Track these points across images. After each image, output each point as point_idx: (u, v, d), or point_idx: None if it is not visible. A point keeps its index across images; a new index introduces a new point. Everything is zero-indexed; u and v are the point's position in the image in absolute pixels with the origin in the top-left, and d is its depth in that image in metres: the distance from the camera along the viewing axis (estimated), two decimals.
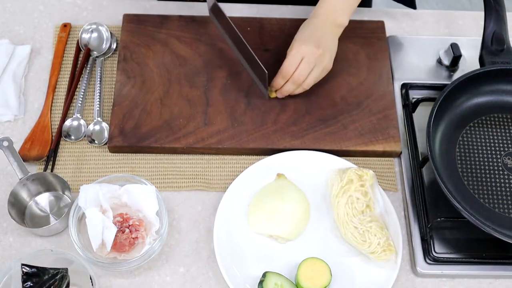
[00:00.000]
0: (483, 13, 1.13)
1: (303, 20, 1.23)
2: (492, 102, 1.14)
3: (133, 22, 1.24)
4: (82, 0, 1.30)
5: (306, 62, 1.09)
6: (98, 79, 1.19)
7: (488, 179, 1.06)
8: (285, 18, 1.26)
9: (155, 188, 1.03)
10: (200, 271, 1.03)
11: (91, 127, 1.14)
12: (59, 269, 0.93)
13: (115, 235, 0.99)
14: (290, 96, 1.15)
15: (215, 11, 1.15)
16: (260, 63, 1.07)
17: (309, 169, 1.10)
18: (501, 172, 1.07)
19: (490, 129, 1.12)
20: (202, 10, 1.26)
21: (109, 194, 1.02)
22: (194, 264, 1.04)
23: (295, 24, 1.23)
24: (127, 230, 1.00)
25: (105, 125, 1.14)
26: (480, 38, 1.14)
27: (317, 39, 1.10)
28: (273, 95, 1.15)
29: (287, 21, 1.26)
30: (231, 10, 1.28)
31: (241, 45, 1.12)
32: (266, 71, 1.07)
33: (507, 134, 1.11)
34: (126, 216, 1.02)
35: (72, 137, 1.13)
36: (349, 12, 1.14)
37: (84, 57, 1.21)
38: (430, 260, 1.03)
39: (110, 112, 1.14)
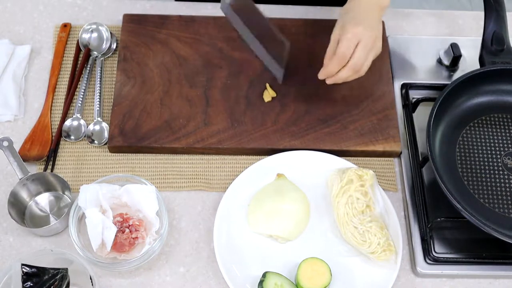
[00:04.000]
0: (483, 13, 1.13)
1: (303, 20, 1.23)
2: (492, 102, 1.14)
3: (133, 22, 1.24)
4: (82, 0, 1.30)
5: (363, 45, 1.02)
6: (98, 79, 1.19)
7: (488, 179, 1.06)
8: (285, 18, 1.26)
9: (155, 188, 1.03)
10: (200, 271, 1.03)
11: (91, 127, 1.14)
12: (59, 269, 0.93)
13: (115, 235, 0.99)
14: (290, 96, 1.15)
15: None
16: (281, 35, 1.01)
17: (309, 169, 1.10)
18: (501, 172, 1.07)
19: (490, 129, 1.12)
20: (202, 10, 1.26)
21: (109, 194, 1.02)
22: (194, 264, 1.04)
23: (296, 24, 1.24)
24: (127, 230, 1.00)
25: (105, 125, 1.14)
26: (480, 38, 1.14)
27: (368, 21, 1.03)
28: (268, 98, 1.15)
29: (287, 21, 1.26)
30: None
31: (256, 21, 1.07)
32: (288, 42, 1.01)
33: (507, 134, 1.11)
34: (126, 216, 1.02)
35: (72, 137, 1.13)
36: None
37: (84, 57, 1.21)
38: (430, 260, 1.03)
39: (110, 112, 1.14)
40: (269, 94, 1.15)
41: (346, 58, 1.02)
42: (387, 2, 1.08)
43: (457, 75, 1.21)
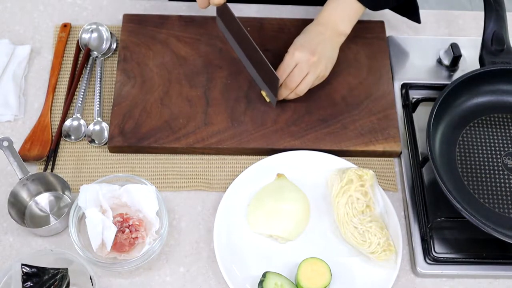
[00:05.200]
0: (483, 13, 1.13)
1: (303, 20, 1.23)
2: (492, 102, 1.14)
3: (133, 22, 1.24)
4: (82, 0, 1.30)
5: (299, 68, 1.09)
6: (98, 79, 1.19)
7: (488, 179, 1.06)
8: (285, 18, 1.26)
9: (155, 188, 1.03)
10: (200, 271, 1.03)
11: (91, 127, 1.14)
12: (59, 269, 0.93)
13: (115, 235, 0.99)
14: None
15: (223, 12, 1.14)
16: (273, 69, 1.07)
17: (309, 169, 1.10)
18: (501, 172, 1.07)
19: (490, 129, 1.12)
20: (202, 10, 1.26)
21: (109, 194, 1.02)
22: (194, 264, 1.04)
23: (295, 24, 1.24)
24: (127, 230, 1.00)
25: (105, 125, 1.14)
26: (480, 38, 1.14)
27: (313, 46, 1.10)
28: (268, 99, 1.15)
29: (287, 21, 1.26)
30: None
31: (250, 48, 1.12)
32: (279, 78, 1.07)
33: (507, 134, 1.11)
34: (126, 216, 1.02)
35: (72, 137, 1.13)
36: (351, 21, 1.14)
37: (84, 57, 1.21)
38: (430, 260, 1.03)
39: (110, 112, 1.14)
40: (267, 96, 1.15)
41: (282, 78, 1.10)
42: (346, 29, 1.14)
43: (457, 75, 1.21)
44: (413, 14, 1.22)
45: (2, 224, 1.06)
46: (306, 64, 1.08)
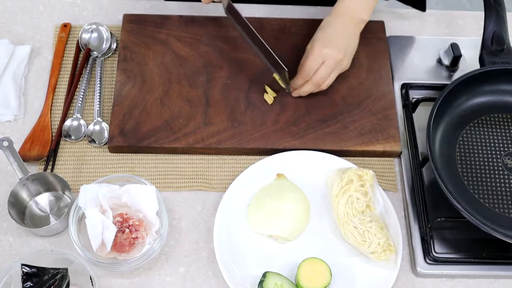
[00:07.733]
0: (483, 13, 1.14)
1: (303, 20, 1.23)
2: (492, 102, 1.14)
3: (133, 22, 1.24)
4: (82, 0, 1.30)
5: (327, 65, 1.09)
6: (98, 79, 1.19)
7: (488, 179, 1.06)
8: (285, 18, 1.26)
9: (155, 188, 1.03)
10: (200, 271, 1.03)
11: (91, 127, 1.14)
12: (59, 269, 0.93)
13: (115, 235, 0.99)
14: (290, 97, 1.15)
15: (231, 10, 1.14)
16: (279, 61, 1.08)
17: (309, 169, 1.10)
18: (501, 172, 1.07)
19: (490, 129, 1.12)
20: (202, 10, 1.27)
21: (109, 194, 1.02)
22: (194, 264, 1.04)
23: (295, 24, 1.24)
24: (127, 230, 1.00)
25: (105, 125, 1.14)
26: (480, 38, 1.14)
27: (340, 41, 1.10)
28: (270, 100, 1.15)
29: (287, 21, 1.26)
30: None
31: (259, 43, 1.12)
32: (286, 69, 1.08)
33: (507, 134, 1.11)
34: (126, 216, 1.02)
35: (72, 137, 1.13)
36: (370, 8, 1.14)
37: (84, 57, 1.21)
38: (430, 260, 1.03)
39: (110, 112, 1.14)
40: (270, 96, 1.15)
41: (309, 75, 1.11)
42: (367, 17, 1.14)
43: (457, 75, 1.22)
44: (418, 2, 1.22)
45: (2, 224, 1.06)
46: (333, 62, 1.09)
